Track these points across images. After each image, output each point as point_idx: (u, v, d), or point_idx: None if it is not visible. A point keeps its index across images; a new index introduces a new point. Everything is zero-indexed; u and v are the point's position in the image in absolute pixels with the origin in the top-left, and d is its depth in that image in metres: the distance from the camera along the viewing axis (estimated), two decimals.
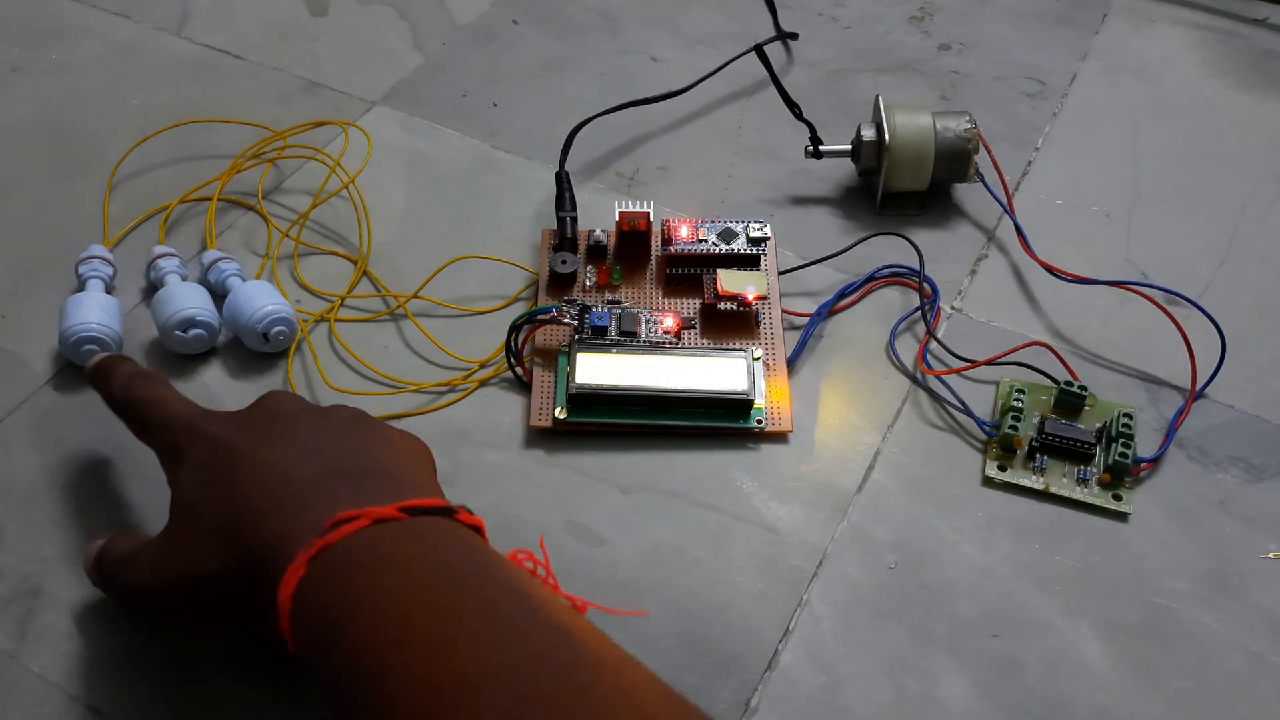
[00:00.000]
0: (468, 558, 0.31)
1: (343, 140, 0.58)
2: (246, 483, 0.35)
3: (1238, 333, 0.50)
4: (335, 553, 0.31)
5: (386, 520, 0.32)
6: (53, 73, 0.63)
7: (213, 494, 0.36)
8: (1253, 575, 0.43)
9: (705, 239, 0.51)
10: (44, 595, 0.41)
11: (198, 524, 0.35)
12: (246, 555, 0.33)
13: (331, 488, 0.34)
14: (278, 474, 0.35)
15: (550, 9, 0.69)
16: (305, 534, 0.32)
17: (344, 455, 0.36)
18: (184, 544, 0.36)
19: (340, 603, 0.30)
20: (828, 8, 0.69)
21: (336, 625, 0.30)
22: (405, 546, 0.31)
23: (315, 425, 0.37)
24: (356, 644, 0.29)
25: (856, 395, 0.49)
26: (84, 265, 0.50)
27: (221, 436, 0.37)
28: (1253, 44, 0.67)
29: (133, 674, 0.39)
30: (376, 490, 0.34)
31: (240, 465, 0.36)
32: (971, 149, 0.54)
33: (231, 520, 0.34)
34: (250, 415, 0.39)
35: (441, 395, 0.48)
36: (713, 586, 0.42)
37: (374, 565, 0.31)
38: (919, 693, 0.40)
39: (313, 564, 0.31)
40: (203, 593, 0.35)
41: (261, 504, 0.34)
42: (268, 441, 0.36)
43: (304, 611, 0.31)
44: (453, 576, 0.30)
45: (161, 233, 0.54)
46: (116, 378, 0.42)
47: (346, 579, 0.30)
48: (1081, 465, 0.46)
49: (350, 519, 0.31)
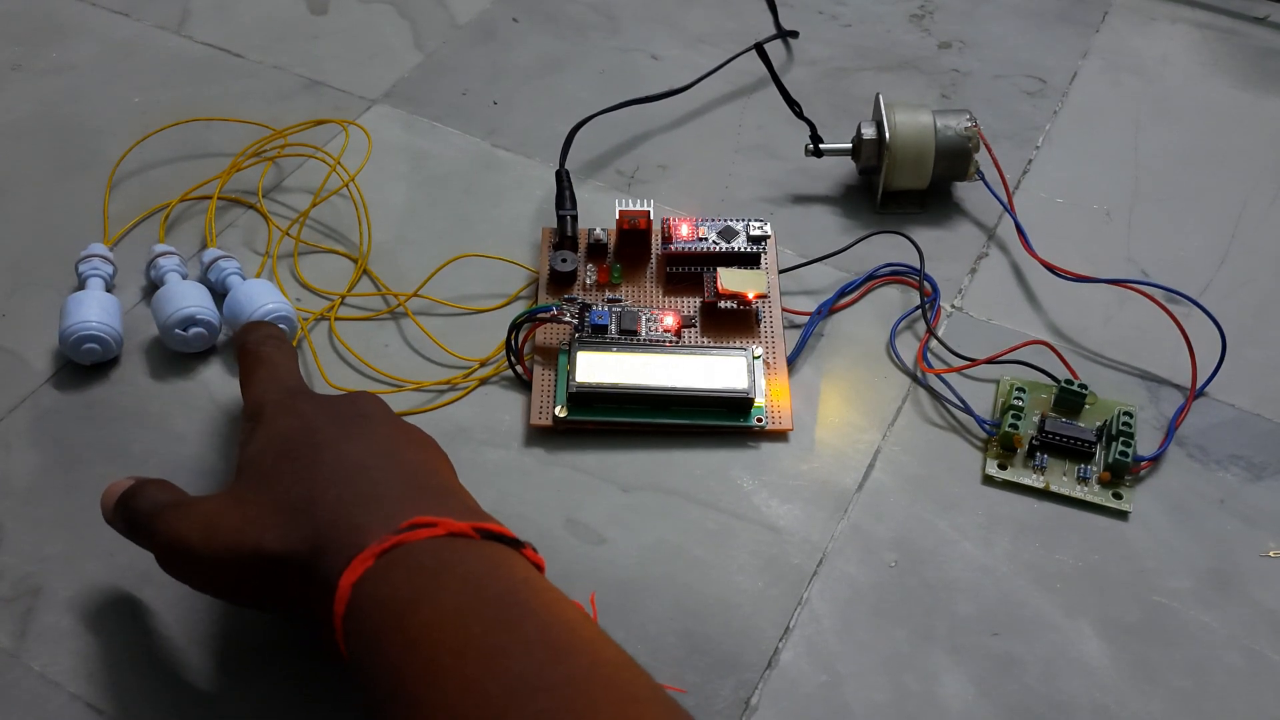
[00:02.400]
0: (527, 584, 0.32)
1: (343, 139, 0.58)
2: (328, 467, 0.35)
3: (1238, 331, 0.50)
4: (405, 552, 0.32)
5: (460, 535, 0.33)
6: (53, 71, 0.63)
7: (291, 469, 0.36)
8: (1253, 574, 0.43)
9: (705, 237, 0.51)
10: (44, 594, 0.41)
11: (269, 494, 0.35)
12: (314, 538, 0.33)
13: (410, 493, 0.35)
14: (359, 467, 0.35)
15: (550, 7, 0.69)
16: (379, 529, 0.32)
17: (422, 469, 0.37)
18: (250, 510, 0.35)
19: (402, 600, 0.31)
20: (828, 6, 0.69)
21: (395, 621, 0.30)
22: (474, 563, 0.32)
23: (397, 435, 0.38)
24: (413, 642, 0.30)
25: (857, 394, 0.49)
26: (84, 264, 0.50)
27: (311, 417, 0.38)
28: (1253, 42, 0.67)
29: (133, 673, 0.39)
30: (452, 507, 0.34)
31: (324, 449, 0.36)
32: (972, 147, 0.54)
33: (305, 500, 0.34)
34: (340, 405, 0.39)
35: (442, 394, 0.48)
36: (713, 585, 0.42)
37: (441, 571, 0.31)
38: (919, 691, 0.40)
39: (381, 558, 0.32)
40: (258, 565, 0.34)
41: (340, 492, 0.34)
42: (353, 435, 0.37)
43: (362, 602, 0.31)
44: (511, 597, 0.31)
45: (162, 231, 0.54)
46: (259, 331, 0.44)
47: (412, 578, 0.31)
48: (1082, 464, 0.46)
49: (427, 524, 0.32)
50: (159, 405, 0.47)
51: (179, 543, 0.36)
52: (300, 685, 0.39)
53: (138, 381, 0.48)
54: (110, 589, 0.41)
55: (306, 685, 0.39)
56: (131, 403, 0.48)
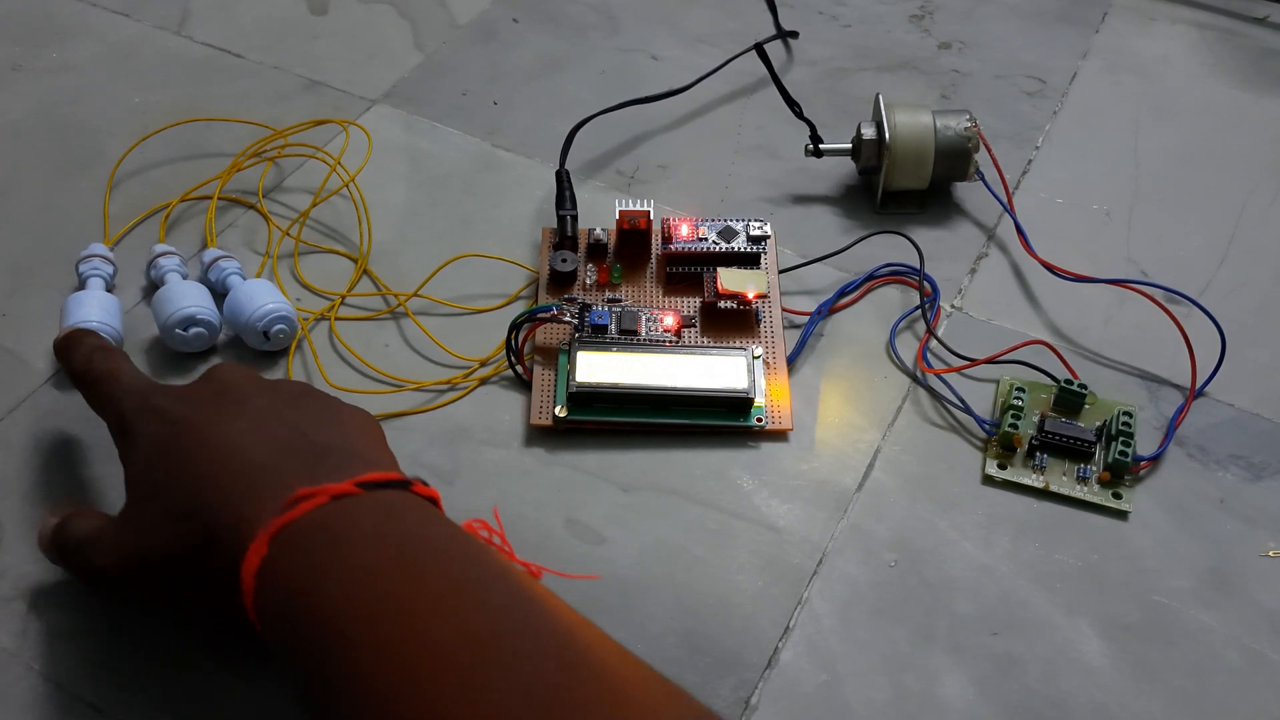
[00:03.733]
0: (425, 529, 0.32)
1: (343, 139, 0.58)
2: (202, 462, 0.35)
3: (1238, 331, 0.50)
4: (296, 530, 0.31)
5: (344, 496, 0.32)
6: (53, 71, 0.63)
7: (167, 473, 0.36)
8: (1252, 573, 0.43)
9: (705, 237, 0.51)
10: (45, 594, 0.41)
11: (155, 503, 0.36)
12: (206, 535, 0.34)
13: (287, 465, 0.34)
14: (232, 452, 0.35)
15: (550, 7, 0.69)
16: (264, 513, 0.32)
17: (296, 432, 0.36)
18: (142, 523, 0.36)
19: (303, 578, 0.31)
20: (828, 6, 0.69)
21: (301, 600, 0.30)
22: (364, 521, 0.32)
23: (265, 401, 0.38)
24: (321, 616, 0.29)
25: (857, 394, 0.49)
26: (85, 264, 0.50)
27: (172, 412, 0.37)
28: (1253, 42, 0.67)
29: (134, 672, 0.39)
30: (332, 466, 0.34)
31: (193, 443, 0.36)
32: (972, 147, 0.54)
33: (189, 501, 0.35)
34: (199, 390, 0.39)
35: (442, 394, 0.48)
36: (713, 584, 0.42)
37: (334, 540, 0.31)
38: (919, 691, 0.40)
39: (274, 542, 0.31)
40: (164, 572, 0.35)
41: (219, 483, 0.34)
42: (218, 418, 0.37)
43: (268, 589, 0.31)
44: (413, 547, 0.31)
45: (162, 231, 0.54)
46: (79, 350, 0.43)
47: (308, 555, 0.31)
48: (1081, 463, 0.46)
49: (308, 496, 0.32)
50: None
51: (99, 573, 0.38)
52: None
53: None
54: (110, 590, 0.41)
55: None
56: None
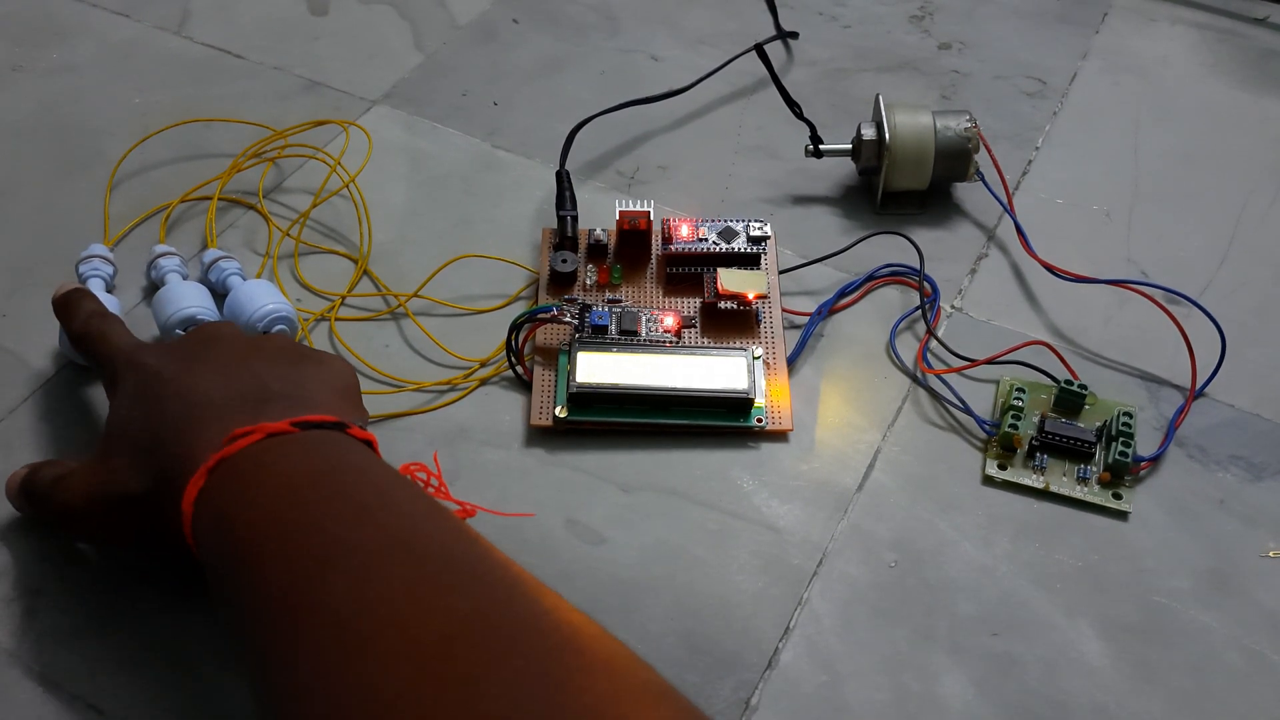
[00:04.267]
0: (345, 459, 0.35)
1: (343, 139, 0.58)
2: (168, 405, 0.38)
3: (1238, 332, 0.50)
4: (231, 463, 0.34)
5: (279, 434, 0.35)
6: (53, 72, 0.63)
7: (140, 417, 0.38)
8: (1252, 574, 0.43)
9: (705, 238, 0.51)
10: (45, 595, 0.41)
11: (124, 444, 0.38)
12: (161, 471, 0.36)
13: (237, 408, 0.37)
14: (196, 395, 0.38)
15: (550, 8, 0.69)
16: (208, 448, 0.35)
17: (257, 380, 0.39)
18: (111, 463, 0.38)
19: (230, 504, 0.33)
20: (828, 7, 0.69)
21: (226, 524, 0.33)
22: (291, 455, 0.35)
23: (239, 351, 0.40)
24: (241, 536, 0.32)
25: (857, 394, 0.49)
26: (84, 264, 0.50)
27: (153, 364, 0.40)
28: (1253, 43, 0.67)
29: (134, 673, 0.39)
30: (278, 409, 0.37)
31: (162, 389, 0.39)
32: (971, 148, 0.54)
33: (152, 439, 0.37)
34: (183, 342, 0.42)
35: (442, 394, 0.48)
36: (713, 585, 0.42)
37: (259, 470, 0.34)
38: (919, 691, 0.40)
39: (211, 474, 0.34)
40: (124, 509, 0.38)
41: (176, 424, 0.37)
42: (193, 366, 0.39)
43: (201, 516, 0.34)
44: (326, 476, 0.34)
45: (162, 232, 0.54)
46: (78, 312, 0.45)
47: (237, 484, 0.34)
48: (1081, 464, 0.46)
49: (246, 433, 0.35)
50: None
51: (65, 508, 0.40)
52: None
53: None
54: (110, 589, 0.41)
55: None
56: None
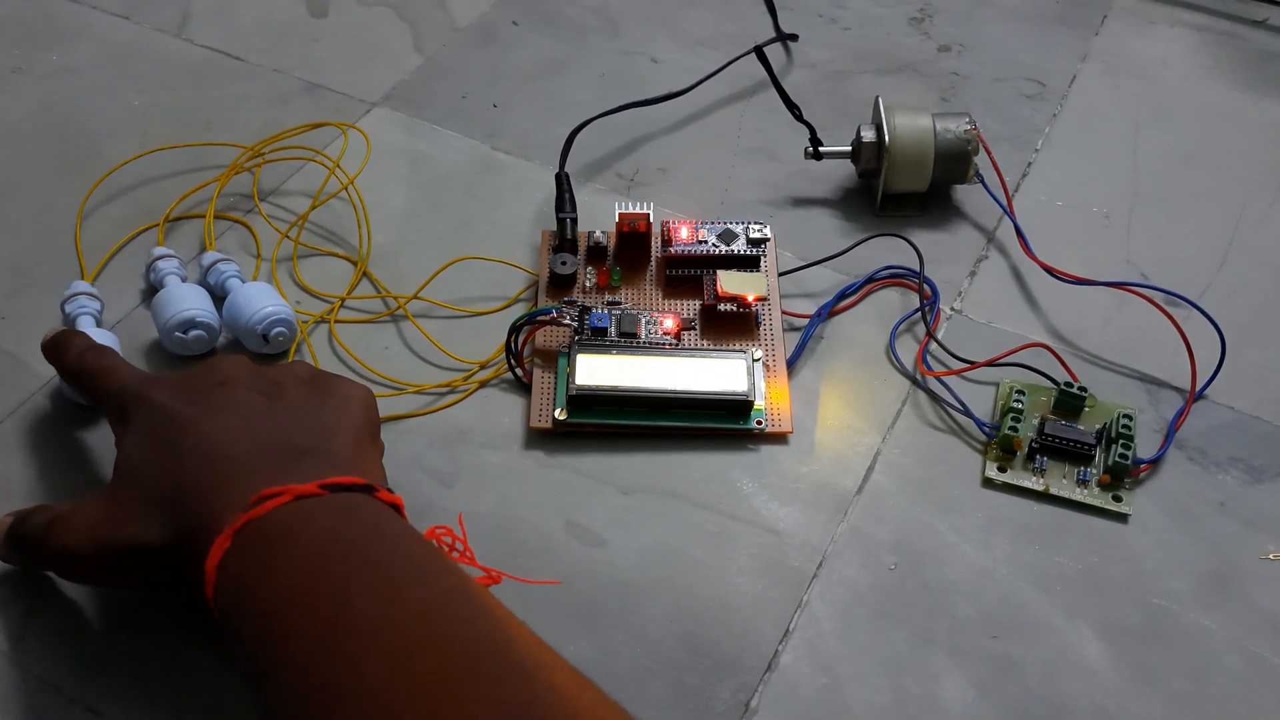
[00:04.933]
0: (377, 529, 0.34)
1: (342, 142, 0.58)
2: (186, 453, 0.37)
3: (1238, 333, 0.50)
4: (257, 526, 0.33)
5: (307, 496, 0.34)
6: (53, 74, 0.63)
7: (156, 463, 0.37)
8: (1252, 576, 0.43)
9: (705, 240, 0.51)
10: (44, 597, 0.41)
11: (140, 491, 0.37)
12: (183, 527, 0.35)
13: (263, 465, 0.36)
14: (216, 447, 0.37)
15: (550, 10, 0.69)
16: (233, 508, 0.34)
17: (279, 431, 0.38)
18: (126, 510, 0.37)
19: (257, 571, 0.32)
20: (828, 9, 0.69)
21: (250, 591, 0.32)
22: (319, 520, 0.34)
23: (258, 396, 0.39)
24: (268, 607, 0.31)
25: (856, 396, 0.49)
26: (70, 303, 0.49)
27: (167, 404, 0.39)
28: (1252, 45, 0.67)
29: (133, 675, 0.39)
30: (304, 467, 0.36)
31: (179, 434, 0.37)
32: (971, 150, 0.54)
33: (173, 493, 0.36)
34: (196, 380, 0.40)
35: (442, 396, 0.48)
36: (713, 587, 0.42)
37: (287, 536, 0.33)
38: (919, 694, 0.40)
39: (237, 537, 0.33)
40: (140, 560, 0.37)
41: (200, 477, 0.36)
42: (210, 412, 0.38)
43: (225, 580, 0.33)
44: (357, 547, 0.33)
45: (160, 235, 0.54)
46: (70, 350, 0.44)
47: (263, 549, 0.33)
48: (1081, 466, 0.46)
49: (274, 495, 0.34)
50: None
51: (67, 552, 0.38)
52: None
53: None
54: (109, 592, 0.41)
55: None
56: None
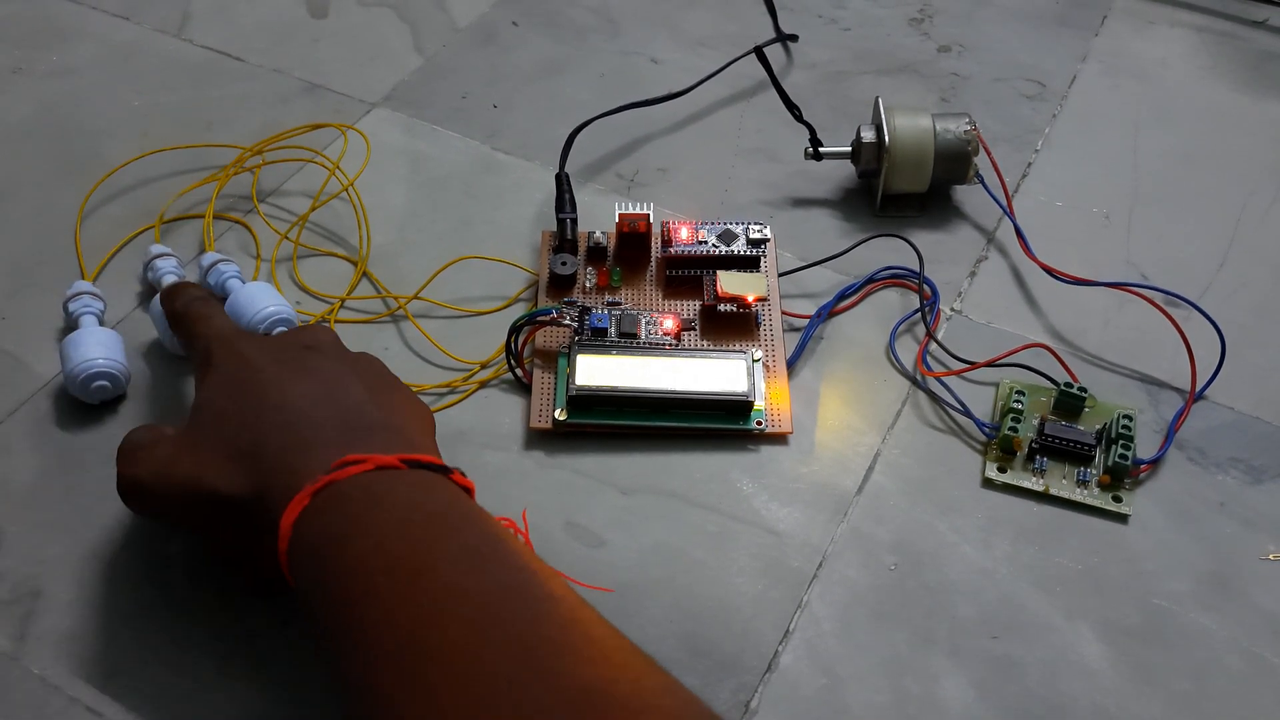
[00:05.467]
0: (453, 505, 0.34)
1: (342, 142, 0.58)
2: (269, 410, 0.38)
3: (1238, 334, 0.50)
4: (338, 489, 0.34)
5: (388, 467, 0.35)
6: (53, 74, 0.63)
7: (236, 414, 0.38)
8: (1253, 577, 0.43)
9: (705, 240, 0.51)
10: (44, 597, 0.41)
11: (219, 438, 0.38)
12: (259, 483, 0.36)
13: (344, 433, 0.37)
14: (301, 409, 0.38)
15: (550, 11, 0.69)
16: (314, 470, 0.35)
17: (360, 406, 0.39)
18: (203, 454, 0.38)
19: (336, 532, 0.33)
20: (827, 9, 0.69)
21: (330, 551, 0.33)
22: (400, 491, 0.34)
23: (339, 368, 0.40)
24: (350, 565, 0.32)
25: (856, 397, 0.49)
26: (73, 302, 0.49)
27: (254, 358, 0.40)
28: (1252, 45, 0.67)
29: (133, 675, 0.39)
30: (383, 442, 0.36)
31: (265, 390, 0.39)
32: (971, 150, 0.54)
33: (252, 446, 0.37)
34: (286, 341, 0.42)
35: (442, 396, 0.48)
36: (713, 588, 0.42)
37: (370, 502, 0.34)
38: (919, 694, 0.40)
39: (316, 496, 0.34)
40: (211, 504, 0.37)
41: (283, 437, 0.37)
42: (296, 374, 0.39)
43: (301, 538, 0.34)
44: (438, 518, 0.34)
45: (156, 234, 0.54)
46: (181, 295, 0.46)
47: (344, 512, 0.34)
48: (1081, 467, 0.46)
49: (356, 462, 0.34)
50: (159, 407, 0.47)
51: (136, 483, 0.39)
52: (298, 688, 0.39)
53: (137, 382, 0.48)
54: (110, 592, 0.41)
55: (304, 688, 0.39)
56: (131, 405, 0.47)
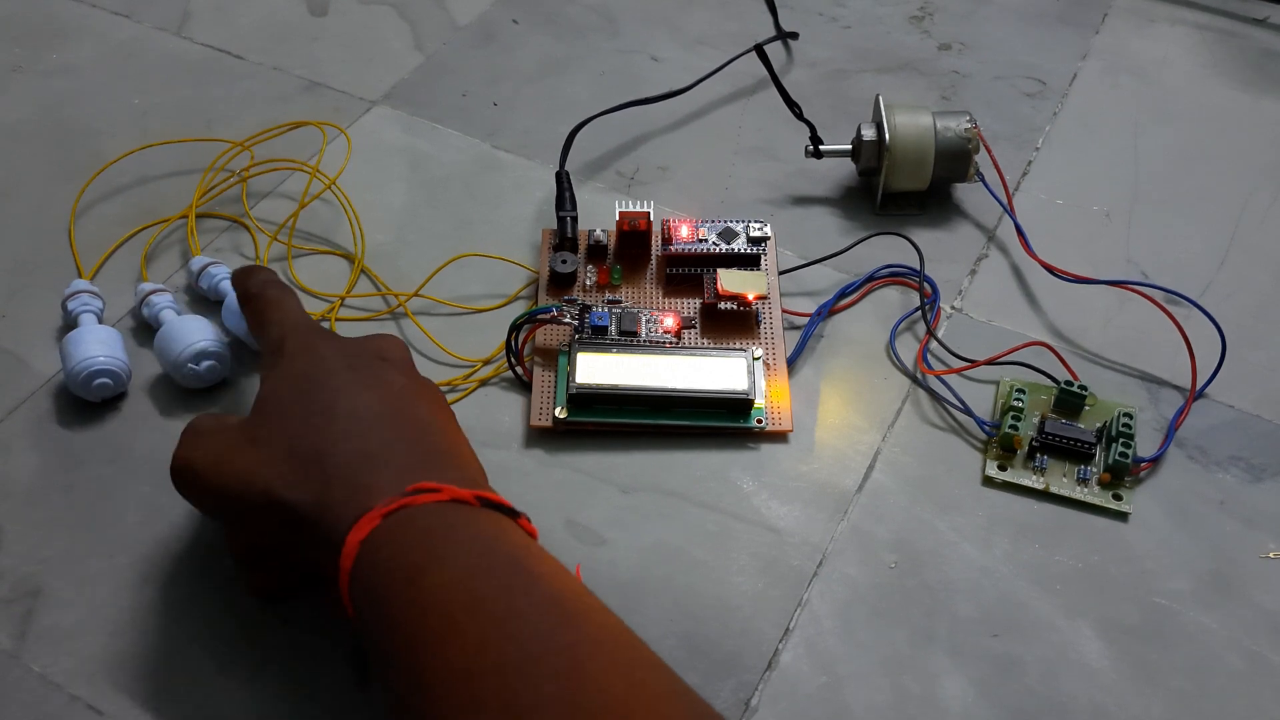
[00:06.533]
0: (532, 552, 0.33)
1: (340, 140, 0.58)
2: (341, 418, 0.36)
3: (1238, 332, 0.50)
4: (410, 515, 0.33)
5: (462, 502, 0.34)
6: (53, 73, 0.63)
7: (304, 415, 0.37)
8: (1253, 575, 0.43)
9: (705, 239, 0.51)
10: (44, 596, 0.41)
11: (283, 437, 0.36)
12: (323, 492, 0.34)
13: (417, 455, 0.35)
14: (371, 421, 0.36)
15: (550, 9, 0.69)
16: (386, 490, 0.33)
17: (430, 428, 0.37)
18: (264, 451, 0.36)
19: (412, 561, 0.32)
20: (828, 7, 0.69)
21: (405, 581, 0.31)
22: (479, 527, 0.33)
23: (411, 386, 0.39)
24: (424, 603, 0.31)
25: (857, 395, 0.49)
26: (72, 301, 0.48)
27: (328, 358, 0.39)
28: (1253, 44, 0.67)
29: (133, 674, 0.39)
30: (455, 476, 0.35)
31: (340, 396, 0.37)
32: (971, 149, 0.54)
33: (317, 451, 0.35)
34: (360, 348, 0.40)
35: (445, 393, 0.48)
36: (713, 586, 0.42)
37: (449, 535, 0.32)
38: (919, 692, 0.40)
39: (387, 519, 0.33)
40: (264, 506, 0.36)
41: (351, 447, 0.35)
42: (368, 383, 0.38)
43: (370, 561, 0.32)
44: (521, 563, 0.32)
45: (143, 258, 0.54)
46: (255, 277, 0.44)
47: (420, 540, 0.32)
48: (1082, 465, 0.46)
49: (431, 489, 0.33)
50: (160, 406, 0.47)
51: (190, 468, 0.38)
52: (299, 688, 0.39)
53: (137, 381, 0.48)
54: (110, 590, 0.41)
55: (305, 688, 0.39)
56: (132, 402, 0.48)
